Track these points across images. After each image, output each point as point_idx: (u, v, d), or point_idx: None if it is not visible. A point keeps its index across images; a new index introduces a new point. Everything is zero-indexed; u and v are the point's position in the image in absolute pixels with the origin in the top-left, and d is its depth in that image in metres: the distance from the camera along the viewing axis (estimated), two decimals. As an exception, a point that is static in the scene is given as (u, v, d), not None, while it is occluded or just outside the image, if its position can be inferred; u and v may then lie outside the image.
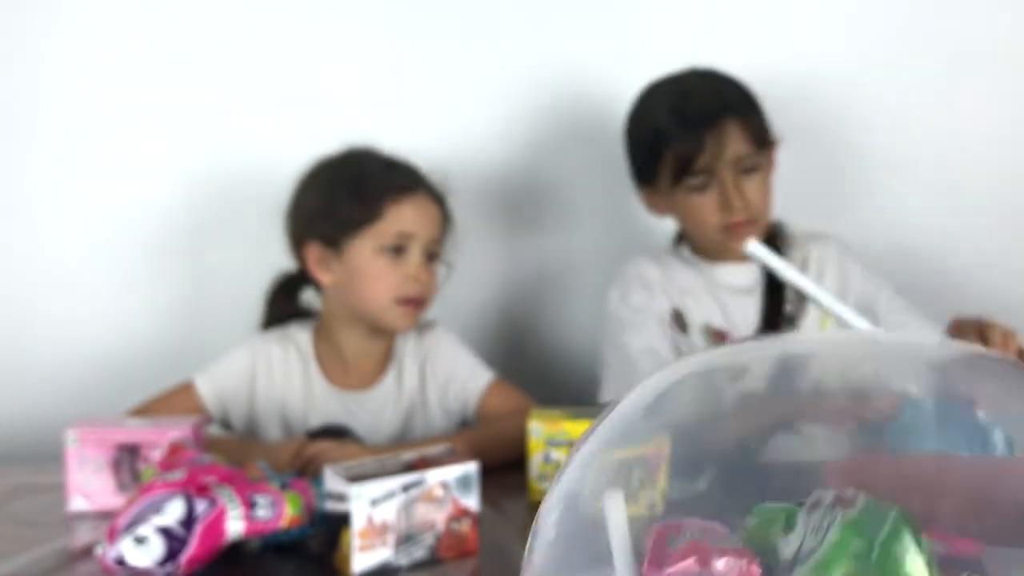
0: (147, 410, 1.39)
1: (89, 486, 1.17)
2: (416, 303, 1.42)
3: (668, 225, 1.61)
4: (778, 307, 1.48)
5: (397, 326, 1.44)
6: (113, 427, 1.18)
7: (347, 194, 1.40)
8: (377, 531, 0.97)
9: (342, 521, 0.97)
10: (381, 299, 1.40)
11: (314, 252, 1.42)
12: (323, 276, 1.43)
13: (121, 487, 1.17)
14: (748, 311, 1.50)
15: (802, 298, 1.48)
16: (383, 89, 1.75)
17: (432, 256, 1.44)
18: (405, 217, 1.40)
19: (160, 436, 1.16)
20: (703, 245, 1.52)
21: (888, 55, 1.82)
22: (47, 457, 1.33)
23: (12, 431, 1.67)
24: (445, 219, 1.46)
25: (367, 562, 0.97)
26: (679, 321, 1.50)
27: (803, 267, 1.50)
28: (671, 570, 0.61)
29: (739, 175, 1.42)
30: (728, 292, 1.51)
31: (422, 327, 1.51)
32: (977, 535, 0.63)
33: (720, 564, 0.61)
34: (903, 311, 1.49)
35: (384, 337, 1.48)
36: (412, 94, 1.76)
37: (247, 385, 1.45)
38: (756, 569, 0.62)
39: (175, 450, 1.06)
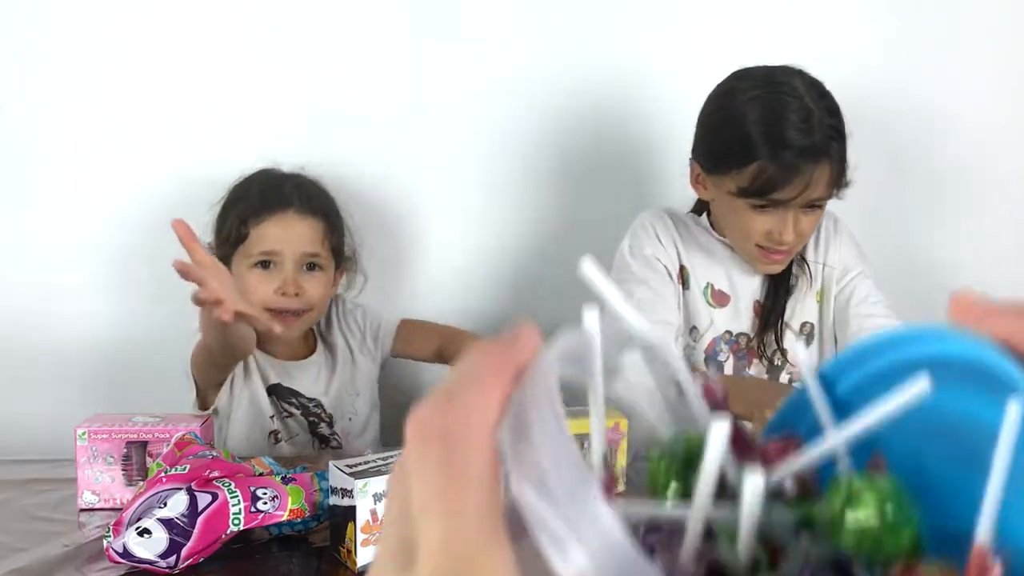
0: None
1: (99, 482, 1.18)
2: (292, 314, 1.48)
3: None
4: (783, 278, 1.50)
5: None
6: (122, 424, 1.19)
7: (225, 216, 1.50)
8: (381, 525, 0.97)
9: (346, 515, 0.97)
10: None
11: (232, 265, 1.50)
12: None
13: (130, 482, 1.18)
14: (752, 279, 1.52)
15: (803, 271, 1.52)
16: (394, 101, 1.76)
17: (314, 266, 1.50)
18: (268, 236, 1.47)
19: (168, 432, 1.17)
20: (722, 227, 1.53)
21: (910, 62, 1.81)
22: (58, 454, 1.35)
23: (24, 429, 1.69)
24: (330, 230, 1.52)
25: (371, 556, 0.97)
26: (684, 277, 1.52)
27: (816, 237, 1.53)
28: None
29: (802, 210, 1.39)
30: (735, 261, 1.52)
31: (344, 311, 1.63)
32: None
33: None
34: (873, 304, 1.47)
35: None
36: (429, 98, 1.77)
37: None
38: None
39: (182, 445, 1.07)
